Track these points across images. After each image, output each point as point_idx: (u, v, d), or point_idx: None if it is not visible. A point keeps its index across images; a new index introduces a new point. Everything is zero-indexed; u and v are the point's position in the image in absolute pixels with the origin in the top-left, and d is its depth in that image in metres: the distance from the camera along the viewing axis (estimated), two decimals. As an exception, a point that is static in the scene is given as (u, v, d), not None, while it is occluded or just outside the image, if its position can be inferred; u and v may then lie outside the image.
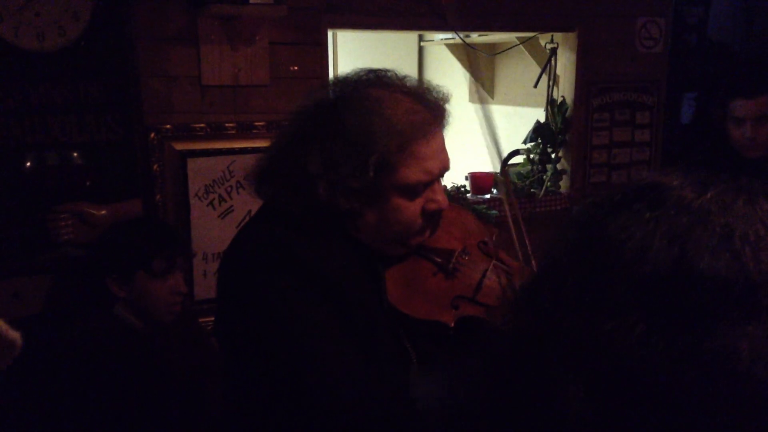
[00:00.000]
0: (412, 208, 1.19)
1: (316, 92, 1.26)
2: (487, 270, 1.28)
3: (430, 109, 1.20)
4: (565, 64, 2.93)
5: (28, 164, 2.11)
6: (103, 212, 2.18)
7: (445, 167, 1.23)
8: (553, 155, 2.96)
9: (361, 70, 1.27)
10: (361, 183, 1.14)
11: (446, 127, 1.24)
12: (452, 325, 1.22)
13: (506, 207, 1.31)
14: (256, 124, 2.36)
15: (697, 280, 0.46)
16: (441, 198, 1.22)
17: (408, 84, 1.23)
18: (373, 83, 1.22)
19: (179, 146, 2.27)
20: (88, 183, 2.18)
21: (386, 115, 1.15)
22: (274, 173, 1.23)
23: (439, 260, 1.27)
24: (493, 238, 1.39)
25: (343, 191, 1.14)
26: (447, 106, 1.24)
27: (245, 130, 2.35)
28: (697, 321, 0.46)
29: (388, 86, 1.21)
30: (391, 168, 1.15)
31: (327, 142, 1.15)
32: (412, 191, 1.18)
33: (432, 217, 1.23)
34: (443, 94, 1.25)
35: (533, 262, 1.23)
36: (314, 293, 1.15)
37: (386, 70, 1.26)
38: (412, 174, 1.16)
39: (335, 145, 1.14)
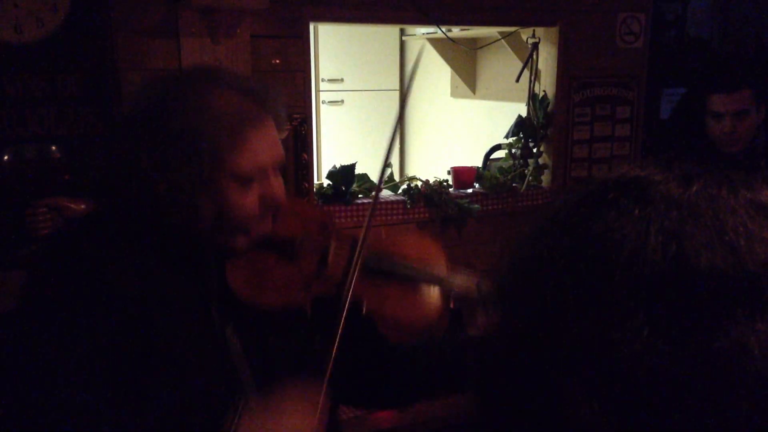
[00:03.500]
0: (248, 198, 1.21)
1: (141, 95, 1.26)
2: (328, 247, 1.32)
3: (258, 103, 1.23)
4: (547, 59, 2.95)
5: (6, 157, 2.08)
6: (82, 206, 2.16)
7: (278, 160, 1.25)
8: (534, 150, 2.98)
9: (189, 67, 1.29)
10: (197, 176, 1.16)
11: (281, 127, 1.27)
12: (308, 305, 1.27)
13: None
14: (238, 117, 2.34)
15: (696, 277, 0.46)
16: (277, 188, 1.25)
17: (236, 79, 1.26)
18: (200, 79, 1.25)
19: (160, 140, 2.24)
20: (66, 177, 2.15)
21: (214, 107, 1.18)
22: (109, 183, 1.24)
23: (281, 249, 1.30)
24: (333, 221, 1.42)
25: (180, 188, 1.16)
26: (280, 105, 1.27)
27: (227, 124, 2.33)
28: (703, 320, 0.45)
29: (215, 81, 1.24)
30: (223, 159, 1.17)
31: (158, 142, 1.16)
32: (246, 181, 1.20)
33: (270, 207, 1.25)
34: (274, 91, 1.28)
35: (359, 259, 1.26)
36: (97, 315, 1.12)
37: (216, 67, 1.29)
38: (244, 163, 1.19)
39: (167, 143, 1.16)
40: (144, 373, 1.13)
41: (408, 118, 4.55)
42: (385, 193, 2.80)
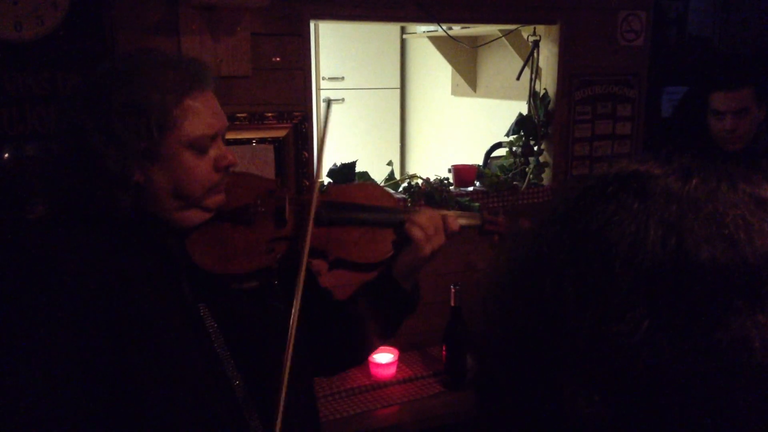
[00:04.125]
0: (203, 165, 1.23)
1: (86, 85, 1.26)
2: (283, 208, 1.39)
3: (194, 70, 1.25)
4: (548, 57, 2.94)
5: (6, 155, 2.08)
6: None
7: (225, 125, 1.29)
8: (535, 148, 2.97)
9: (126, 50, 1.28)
10: (148, 145, 1.17)
11: (212, 92, 1.29)
12: (275, 266, 1.33)
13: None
14: (238, 115, 2.34)
15: (696, 270, 0.46)
16: (230, 153, 1.28)
17: (173, 56, 1.29)
18: (139, 57, 1.26)
19: (160, 138, 2.24)
20: (67, 175, 2.15)
21: (155, 75, 1.20)
22: (60, 170, 1.23)
23: (237, 217, 1.35)
24: (279, 185, 1.51)
25: (131, 159, 1.17)
26: (210, 72, 1.29)
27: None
28: (703, 313, 0.45)
29: (151, 53, 1.26)
30: (173, 125, 1.19)
31: (105, 116, 1.16)
32: (200, 146, 1.22)
33: (225, 172, 1.27)
34: (207, 65, 1.30)
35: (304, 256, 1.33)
36: (59, 311, 1.09)
37: (152, 48, 1.35)
38: (195, 128, 1.21)
39: (113, 115, 1.16)
40: (125, 363, 1.11)
41: (409, 116, 4.55)
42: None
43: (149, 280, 1.20)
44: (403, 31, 4.26)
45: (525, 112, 3.01)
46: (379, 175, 2.82)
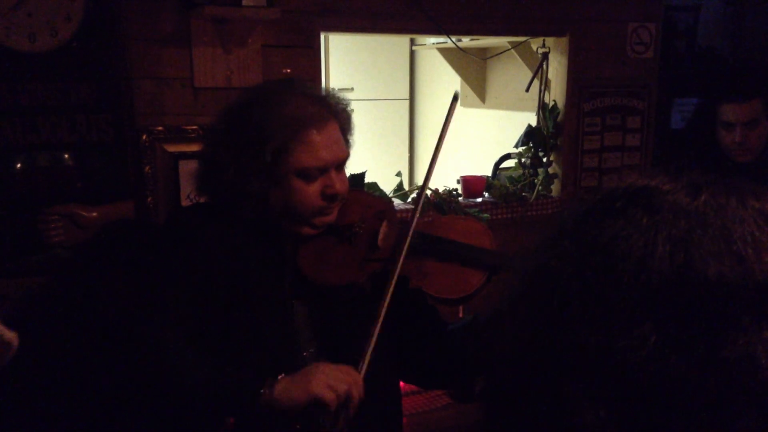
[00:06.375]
0: (310, 191, 1.40)
1: (234, 100, 1.48)
2: (378, 230, 1.49)
3: (323, 106, 1.42)
4: (557, 69, 2.95)
5: (19, 165, 2.10)
6: (94, 214, 2.17)
7: (338, 157, 1.44)
8: (544, 159, 2.97)
9: (269, 80, 1.57)
10: (262, 166, 1.36)
11: (347, 129, 1.50)
12: (365, 282, 1.47)
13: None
14: (249, 126, 2.35)
15: (704, 286, 0.45)
16: (338, 184, 1.43)
17: (305, 87, 1.49)
18: (275, 87, 1.48)
19: (171, 148, 2.26)
20: (78, 185, 2.16)
21: (282, 107, 1.38)
22: (201, 171, 1.48)
23: (342, 233, 1.49)
24: (391, 207, 1.64)
25: (248, 175, 1.36)
26: (347, 108, 1.50)
27: (237, 133, 2.34)
28: (710, 329, 0.45)
29: (287, 89, 1.46)
30: (286, 153, 1.36)
31: (235, 135, 1.39)
32: (307, 175, 1.39)
33: (331, 200, 1.43)
34: (342, 99, 1.50)
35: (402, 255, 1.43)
36: (189, 267, 1.39)
37: (291, 78, 1.60)
38: (305, 159, 1.37)
39: (241, 136, 1.37)
40: (221, 319, 1.37)
41: (418, 127, 4.56)
42: (395, 202, 2.81)
43: (260, 271, 1.42)
44: (412, 42, 4.28)
45: (534, 123, 3.01)
46: (388, 186, 2.83)
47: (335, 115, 1.44)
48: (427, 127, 4.46)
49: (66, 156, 2.15)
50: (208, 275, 1.38)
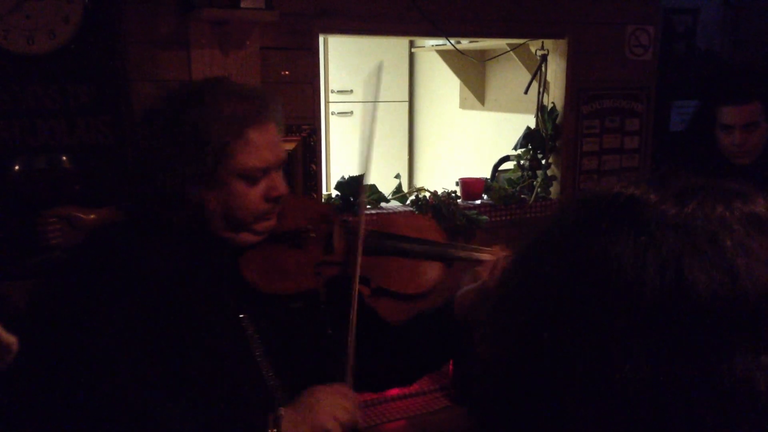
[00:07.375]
0: (252, 194, 1.30)
1: (155, 104, 1.37)
2: (332, 234, 1.44)
3: (260, 107, 1.32)
4: (556, 71, 2.95)
5: (17, 168, 2.10)
6: (92, 216, 2.17)
7: (280, 158, 1.35)
8: (543, 161, 2.97)
9: (199, 78, 1.40)
10: (201, 170, 1.26)
11: (281, 130, 1.39)
12: (321, 288, 1.41)
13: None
14: (247, 128, 2.35)
15: (696, 305, 0.44)
16: (281, 185, 1.34)
17: (240, 87, 1.38)
18: (208, 86, 1.34)
19: (169, 150, 2.25)
20: (77, 187, 2.16)
21: (219, 107, 1.28)
22: (132, 178, 1.40)
23: (290, 240, 1.42)
24: (334, 211, 1.56)
25: (184, 180, 1.26)
26: (279, 110, 1.38)
27: (236, 135, 2.34)
28: (705, 352, 0.44)
29: (222, 88, 1.34)
30: (228, 155, 1.27)
31: (167, 139, 1.27)
32: (250, 177, 1.30)
33: (276, 203, 1.34)
34: (274, 97, 1.38)
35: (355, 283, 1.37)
36: (121, 288, 1.23)
37: (222, 77, 1.43)
38: (248, 160, 1.28)
39: (175, 139, 1.26)
40: (173, 347, 1.23)
41: (417, 130, 4.56)
42: (394, 204, 2.81)
43: (198, 286, 1.30)
44: (411, 45, 4.28)
45: (533, 125, 3.01)
46: (387, 188, 2.83)
47: (273, 114, 1.35)
48: (426, 129, 4.46)
49: (64, 158, 2.15)
50: (145, 305, 1.23)
